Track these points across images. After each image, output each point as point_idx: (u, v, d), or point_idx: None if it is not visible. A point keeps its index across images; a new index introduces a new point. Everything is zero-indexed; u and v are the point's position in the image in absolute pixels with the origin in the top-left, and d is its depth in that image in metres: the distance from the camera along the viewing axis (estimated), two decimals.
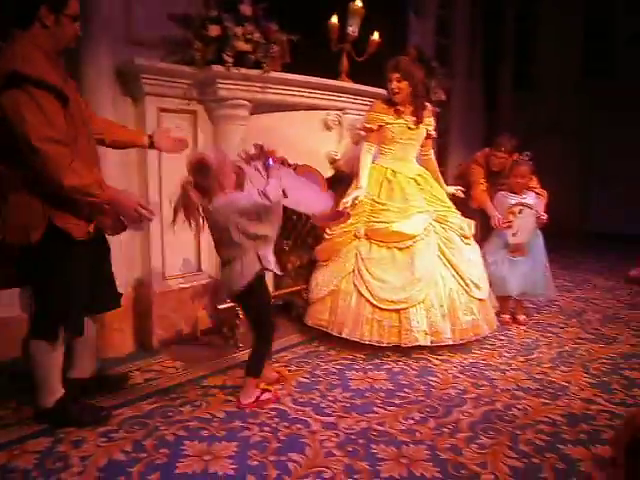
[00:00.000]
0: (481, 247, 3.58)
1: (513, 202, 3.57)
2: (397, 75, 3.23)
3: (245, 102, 3.21)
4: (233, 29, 2.92)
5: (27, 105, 1.90)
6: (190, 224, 2.29)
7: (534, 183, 3.69)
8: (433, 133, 3.49)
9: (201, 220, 2.30)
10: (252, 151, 2.44)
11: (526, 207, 3.56)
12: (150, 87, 2.94)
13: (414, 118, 3.32)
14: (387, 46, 4.12)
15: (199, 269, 3.39)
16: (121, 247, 2.99)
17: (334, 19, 3.75)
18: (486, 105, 6.81)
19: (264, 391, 2.49)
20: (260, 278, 2.38)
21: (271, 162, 2.34)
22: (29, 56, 1.96)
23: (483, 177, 3.89)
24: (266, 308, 2.48)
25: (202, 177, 2.24)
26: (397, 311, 3.03)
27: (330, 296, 3.19)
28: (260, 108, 3.35)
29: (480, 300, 3.21)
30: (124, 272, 3.02)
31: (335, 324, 3.12)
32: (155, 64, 2.91)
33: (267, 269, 2.38)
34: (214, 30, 2.90)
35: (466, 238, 3.32)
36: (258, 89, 3.21)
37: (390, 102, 3.33)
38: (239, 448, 2.06)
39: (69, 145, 2.01)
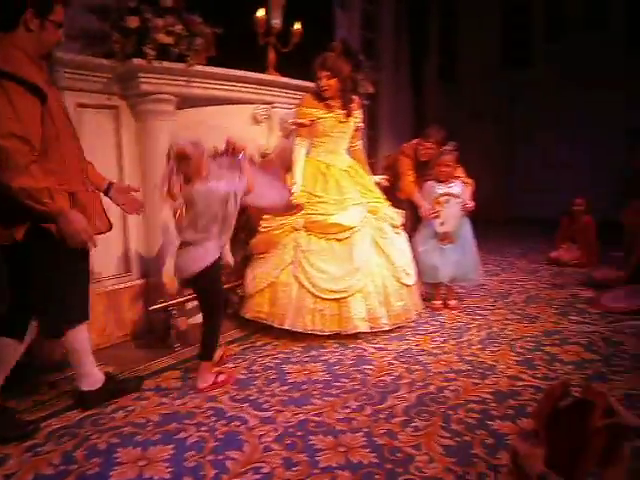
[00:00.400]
0: (411, 237, 3.70)
1: (440, 192, 3.70)
2: (326, 73, 3.27)
3: (170, 96, 3.13)
4: (153, 21, 2.83)
5: None
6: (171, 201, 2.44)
7: (460, 172, 3.83)
8: (361, 125, 3.58)
9: (179, 200, 2.43)
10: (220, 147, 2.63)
11: (452, 196, 3.69)
12: (68, 81, 2.81)
13: (344, 112, 3.39)
14: (314, 40, 4.14)
15: (128, 270, 3.28)
16: None
17: (260, 12, 3.72)
18: (413, 97, 6.98)
19: (219, 373, 2.62)
20: (217, 266, 2.55)
21: (242, 158, 2.54)
22: (9, 54, 1.96)
23: (411, 168, 4.00)
24: (218, 294, 2.63)
25: (184, 165, 2.43)
26: (337, 300, 3.13)
27: (269, 288, 3.20)
28: (187, 102, 3.28)
29: (408, 286, 3.39)
30: None
31: (276, 316, 3.15)
32: (72, 57, 2.78)
33: (224, 259, 2.63)
34: (133, 21, 2.80)
35: (396, 228, 3.47)
36: (183, 83, 3.14)
37: (320, 97, 3.36)
38: (175, 450, 2.02)
39: (32, 144, 1.94)
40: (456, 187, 3.73)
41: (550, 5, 7.83)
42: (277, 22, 3.69)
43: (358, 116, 3.51)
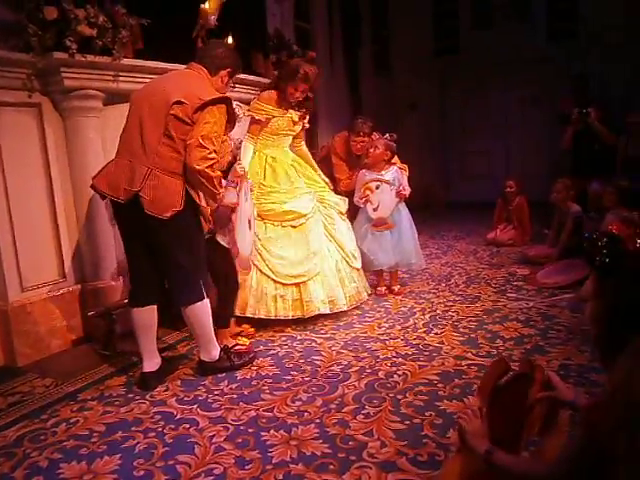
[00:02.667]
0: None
1: (369, 178, 3.75)
2: (306, 86, 3.36)
3: (96, 92, 2.99)
4: (73, 12, 2.68)
5: None
6: None
7: (395, 158, 3.89)
8: (307, 125, 3.67)
9: None
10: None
11: (383, 182, 3.74)
12: None
13: (299, 113, 3.48)
14: (247, 28, 4.07)
15: (63, 276, 3.12)
16: None
17: (206, 5, 3.60)
18: (349, 86, 7.01)
19: (237, 344, 2.88)
20: (217, 244, 2.79)
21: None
22: None
23: (343, 167, 4.07)
24: (225, 268, 2.87)
25: None
26: (297, 285, 3.22)
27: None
28: (116, 98, 3.14)
29: (357, 270, 3.55)
30: None
31: (237, 305, 3.13)
32: None
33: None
34: (51, 12, 2.64)
35: (342, 214, 3.59)
36: (110, 78, 3.00)
37: (282, 98, 3.39)
38: (123, 460, 1.94)
39: None
40: (390, 173, 3.78)
41: None
42: (213, 18, 3.59)
43: (306, 118, 3.61)
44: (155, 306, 2.58)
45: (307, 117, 3.59)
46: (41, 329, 2.97)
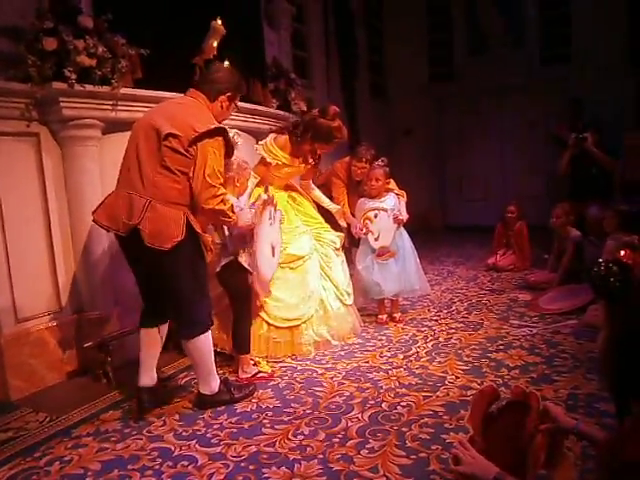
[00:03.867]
0: (348, 254, 3.83)
1: (369, 207, 3.73)
2: (326, 148, 3.47)
3: (95, 121, 2.98)
4: (72, 42, 2.68)
5: None
6: None
7: (392, 185, 3.87)
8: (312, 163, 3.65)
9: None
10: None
11: (381, 210, 3.72)
12: None
13: (309, 166, 3.56)
14: (244, 58, 4.09)
15: (59, 306, 3.07)
16: None
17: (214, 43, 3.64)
18: (346, 114, 7.07)
19: (259, 372, 2.92)
20: (239, 265, 2.86)
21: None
22: None
23: (343, 191, 4.05)
24: (240, 291, 2.92)
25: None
26: (290, 328, 3.21)
27: (223, 315, 3.12)
28: (115, 127, 3.13)
29: (350, 306, 3.57)
30: None
31: (227, 342, 3.09)
32: None
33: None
34: (50, 43, 2.64)
35: (337, 250, 3.58)
36: (109, 107, 3.00)
37: (296, 148, 3.40)
38: None
39: None
40: (388, 201, 3.76)
41: (470, 22, 8.21)
42: (214, 46, 3.62)
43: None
44: (163, 326, 2.60)
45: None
46: (35, 361, 2.90)
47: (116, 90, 2.94)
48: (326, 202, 3.85)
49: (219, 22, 3.63)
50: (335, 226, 3.77)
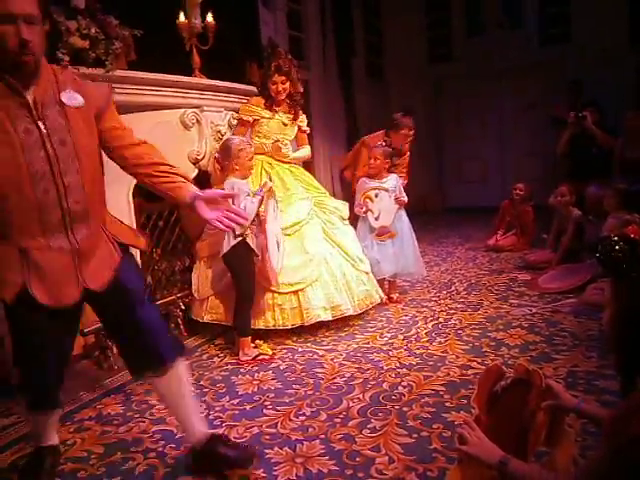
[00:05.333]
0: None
1: (369, 187, 3.72)
2: (283, 78, 3.35)
3: None
4: (65, 23, 2.63)
5: None
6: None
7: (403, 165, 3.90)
8: (307, 129, 3.65)
9: None
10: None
11: (382, 190, 3.71)
12: None
13: (290, 115, 3.47)
14: (240, 39, 4.04)
15: None
16: None
17: (181, 17, 3.58)
18: (343, 95, 7.01)
19: (260, 353, 2.91)
20: (243, 247, 2.88)
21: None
22: None
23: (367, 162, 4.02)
24: (246, 272, 2.94)
25: (223, 155, 2.99)
26: (295, 292, 3.14)
27: (227, 289, 3.13)
28: None
29: (366, 273, 3.48)
30: None
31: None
32: None
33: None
34: None
35: (343, 219, 3.57)
36: None
37: (269, 99, 3.40)
38: None
39: None
40: (390, 181, 3.75)
41: (469, 3, 8.10)
42: (197, 22, 3.56)
43: (303, 120, 3.58)
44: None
45: (301, 118, 3.56)
46: None
47: (110, 72, 2.89)
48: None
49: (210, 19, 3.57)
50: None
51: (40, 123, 1.59)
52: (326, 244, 3.35)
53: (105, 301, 1.79)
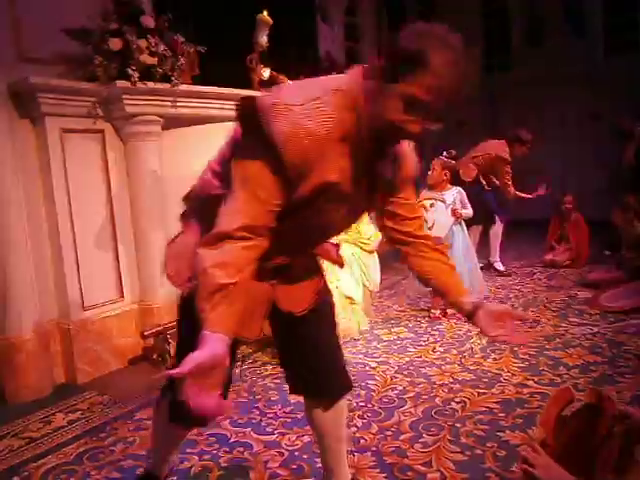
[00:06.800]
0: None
1: (426, 196, 3.71)
2: None
3: (156, 117, 3.08)
4: (136, 42, 2.79)
5: None
6: None
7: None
8: None
9: None
10: None
11: (438, 201, 3.67)
12: (49, 107, 2.75)
13: None
14: (298, 53, 4.13)
15: (121, 295, 3.21)
16: (32, 279, 2.79)
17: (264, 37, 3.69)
18: None
19: None
20: None
21: None
22: None
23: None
24: None
25: None
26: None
27: None
28: (174, 123, 3.23)
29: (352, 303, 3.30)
30: (37, 305, 2.82)
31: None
32: (51, 82, 2.72)
33: None
34: (116, 44, 2.76)
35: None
36: (168, 103, 3.09)
37: None
38: None
39: None
40: (449, 194, 3.72)
41: (530, 10, 7.94)
42: (264, 39, 3.67)
43: None
44: None
45: None
46: (100, 347, 3.04)
47: (176, 87, 3.03)
48: None
49: (265, 14, 3.66)
50: None
51: None
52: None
53: None
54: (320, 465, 1.97)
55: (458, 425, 2.24)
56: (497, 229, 5.23)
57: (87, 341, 2.98)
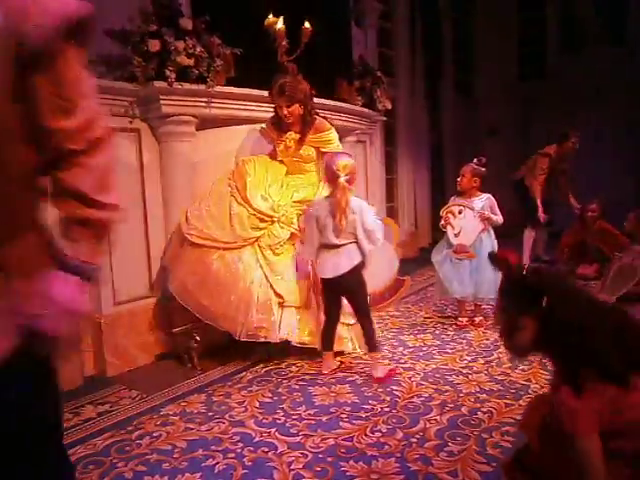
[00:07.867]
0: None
1: (454, 203, 3.67)
2: (284, 101, 3.05)
3: (190, 118, 3.14)
4: (174, 44, 2.85)
5: None
6: None
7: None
8: (331, 147, 3.19)
9: None
10: None
11: (467, 208, 3.63)
12: None
13: (297, 136, 3.16)
14: (333, 58, 4.15)
15: (152, 292, 3.26)
16: None
17: (280, 25, 3.65)
18: (430, 112, 6.96)
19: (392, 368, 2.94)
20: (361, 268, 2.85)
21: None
22: None
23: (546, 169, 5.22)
24: (364, 283, 2.88)
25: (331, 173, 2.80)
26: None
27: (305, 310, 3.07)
28: (208, 123, 3.29)
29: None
30: None
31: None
32: (97, 82, 2.78)
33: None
34: (154, 45, 2.82)
35: None
36: (203, 104, 3.15)
37: (277, 123, 3.20)
38: (203, 479, 1.96)
39: None
40: (478, 201, 3.67)
41: (565, 19, 7.81)
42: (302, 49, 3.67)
43: (321, 138, 3.20)
44: None
45: (319, 138, 3.18)
46: (130, 342, 3.10)
47: (211, 88, 3.07)
48: None
49: (307, 25, 3.64)
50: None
51: None
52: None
53: None
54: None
55: (485, 435, 2.20)
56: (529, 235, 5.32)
57: (116, 335, 3.04)
